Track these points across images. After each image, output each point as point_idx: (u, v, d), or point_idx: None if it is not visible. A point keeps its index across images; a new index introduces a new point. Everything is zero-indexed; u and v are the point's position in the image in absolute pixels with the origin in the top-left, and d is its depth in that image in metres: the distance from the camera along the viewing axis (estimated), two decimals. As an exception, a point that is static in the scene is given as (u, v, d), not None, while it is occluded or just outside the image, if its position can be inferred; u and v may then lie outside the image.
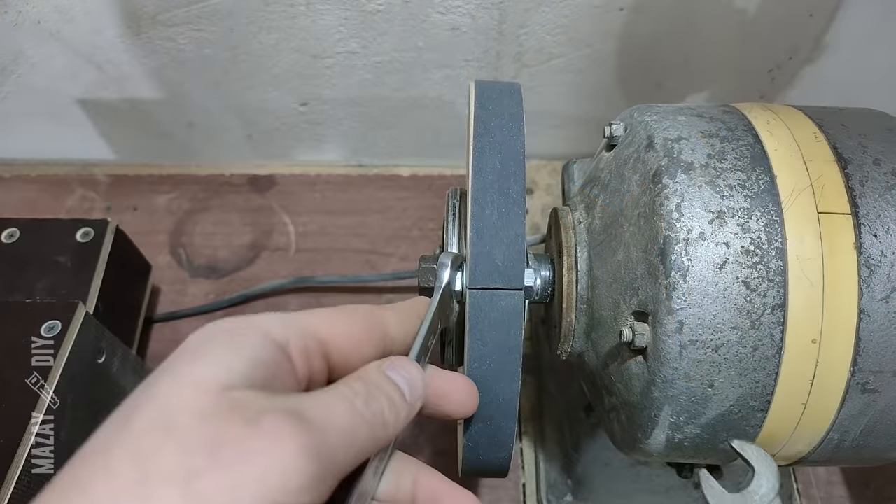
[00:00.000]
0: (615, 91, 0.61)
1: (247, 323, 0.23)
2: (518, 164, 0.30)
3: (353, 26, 0.54)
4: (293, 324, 0.24)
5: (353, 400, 0.23)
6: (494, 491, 0.54)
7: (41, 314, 0.41)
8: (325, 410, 0.21)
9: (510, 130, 0.31)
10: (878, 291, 0.30)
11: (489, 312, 0.29)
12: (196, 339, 0.23)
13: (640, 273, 0.32)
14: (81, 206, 0.66)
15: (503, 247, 0.29)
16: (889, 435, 0.32)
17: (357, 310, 0.26)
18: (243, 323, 0.23)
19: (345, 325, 0.25)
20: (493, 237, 0.29)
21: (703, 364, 0.30)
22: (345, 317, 0.26)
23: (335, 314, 0.26)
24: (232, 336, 0.23)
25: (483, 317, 0.29)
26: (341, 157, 0.69)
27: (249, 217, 0.66)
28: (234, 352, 0.22)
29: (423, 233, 0.66)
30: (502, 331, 0.29)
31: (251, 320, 0.24)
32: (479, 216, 0.29)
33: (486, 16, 0.53)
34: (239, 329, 0.23)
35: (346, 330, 0.25)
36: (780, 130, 0.33)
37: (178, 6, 0.52)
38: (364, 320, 0.26)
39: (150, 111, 0.63)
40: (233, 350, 0.22)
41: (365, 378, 0.24)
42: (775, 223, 0.30)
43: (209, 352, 0.22)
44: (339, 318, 0.25)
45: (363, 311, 0.26)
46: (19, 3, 0.52)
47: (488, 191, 0.29)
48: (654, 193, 0.31)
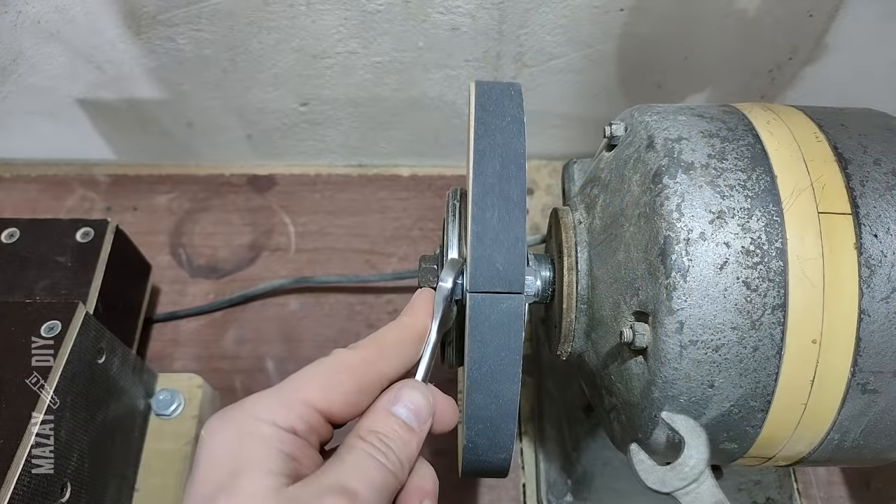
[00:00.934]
0: (615, 91, 0.61)
1: (251, 417, 0.25)
2: (519, 166, 0.30)
3: (353, 26, 0.54)
4: (292, 409, 0.25)
5: (377, 456, 0.26)
6: (494, 491, 0.54)
7: (41, 314, 0.41)
8: (362, 476, 0.25)
9: (511, 133, 0.31)
10: (878, 292, 0.30)
11: (489, 315, 0.29)
12: (220, 449, 0.25)
13: (641, 273, 0.32)
14: (81, 206, 0.66)
15: (504, 250, 0.29)
16: (889, 435, 0.32)
17: (351, 370, 0.27)
18: (249, 420, 0.25)
19: (341, 394, 0.27)
20: (494, 241, 0.29)
21: (704, 364, 0.30)
22: (339, 383, 0.27)
23: (329, 383, 0.26)
24: (250, 438, 0.25)
25: (483, 319, 0.29)
26: (341, 157, 0.69)
27: (249, 217, 0.66)
28: (263, 454, 0.24)
29: (423, 233, 0.66)
30: (503, 333, 0.29)
31: (253, 413, 0.25)
32: (480, 220, 0.29)
33: (486, 16, 0.53)
34: (249, 428, 0.25)
35: (344, 398, 0.27)
36: (780, 130, 0.33)
37: (178, 6, 0.52)
38: (359, 381, 0.27)
39: (150, 111, 0.63)
40: (261, 453, 0.24)
41: (378, 430, 0.26)
42: (776, 223, 0.30)
43: (243, 462, 0.24)
44: (335, 387, 0.26)
45: (357, 372, 0.27)
46: (19, 3, 0.52)
47: (489, 194, 0.29)
48: (654, 193, 0.31)
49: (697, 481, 0.30)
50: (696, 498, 0.29)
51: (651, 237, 0.31)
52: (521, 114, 0.32)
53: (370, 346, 0.28)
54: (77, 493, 0.41)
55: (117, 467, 0.47)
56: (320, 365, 0.27)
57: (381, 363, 0.28)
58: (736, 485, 0.50)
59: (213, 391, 0.56)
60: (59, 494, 0.39)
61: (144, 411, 0.51)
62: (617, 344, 0.33)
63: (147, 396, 0.51)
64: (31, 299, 0.46)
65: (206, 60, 0.57)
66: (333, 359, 0.27)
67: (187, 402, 0.52)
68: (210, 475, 0.24)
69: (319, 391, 0.26)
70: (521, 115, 0.32)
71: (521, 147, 0.31)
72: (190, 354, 0.59)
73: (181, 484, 0.49)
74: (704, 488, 0.29)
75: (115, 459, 0.46)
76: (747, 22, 0.54)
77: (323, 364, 0.27)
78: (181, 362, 0.59)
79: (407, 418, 0.27)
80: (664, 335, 0.30)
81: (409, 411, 0.27)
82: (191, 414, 0.52)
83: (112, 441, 0.46)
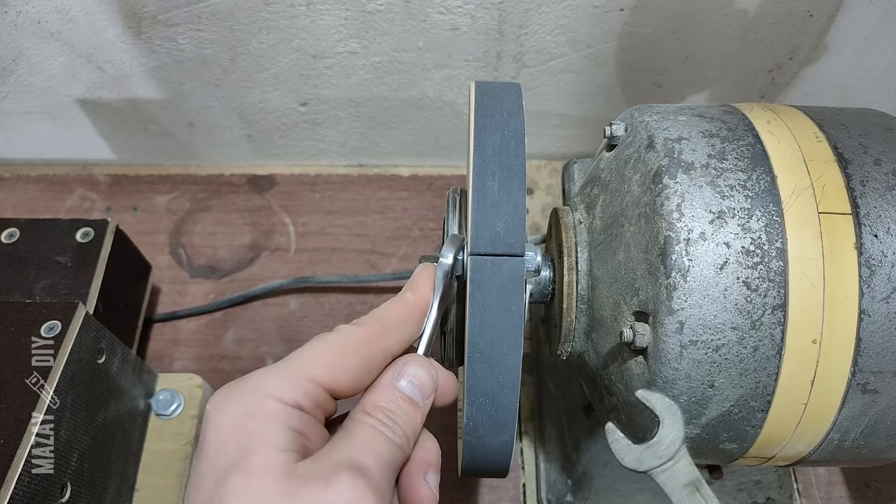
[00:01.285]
0: (615, 91, 0.61)
1: (258, 394, 0.25)
2: (518, 141, 0.30)
3: (353, 26, 0.54)
4: (298, 385, 0.26)
5: (384, 431, 0.26)
6: (494, 491, 0.54)
7: (41, 314, 0.41)
8: (371, 451, 0.25)
9: (510, 113, 0.31)
10: (878, 292, 0.30)
11: (490, 277, 0.28)
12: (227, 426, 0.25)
13: (641, 273, 0.32)
14: (81, 206, 0.66)
15: (504, 216, 0.29)
16: (889, 435, 0.32)
17: (356, 347, 0.27)
18: (255, 396, 0.25)
19: (346, 370, 0.27)
20: (494, 207, 0.29)
21: (704, 364, 0.30)
22: (344, 360, 0.27)
23: (335, 360, 0.27)
24: (257, 415, 0.25)
25: (484, 282, 0.28)
26: (341, 157, 0.69)
27: (249, 217, 0.66)
28: (272, 432, 0.24)
29: (423, 233, 0.66)
30: (504, 295, 0.28)
31: (260, 389, 0.25)
32: (480, 188, 0.29)
33: (486, 16, 0.53)
34: (256, 404, 0.25)
35: (349, 375, 0.27)
36: (780, 130, 0.33)
37: (178, 6, 0.52)
38: (363, 358, 0.27)
39: (150, 111, 0.63)
40: (270, 430, 0.24)
41: (383, 405, 0.27)
42: (776, 223, 0.30)
43: (252, 439, 0.24)
44: (340, 364, 0.27)
45: (362, 349, 0.27)
46: (19, 3, 0.52)
47: (489, 164, 0.30)
48: (654, 193, 0.31)
49: (673, 459, 0.30)
50: (671, 476, 0.29)
51: (651, 237, 0.31)
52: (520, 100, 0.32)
53: (374, 322, 0.28)
54: (77, 493, 0.41)
55: (117, 467, 0.47)
56: (324, 341, 0.27)
57: (386, 340, 0.28)
58: (736, 485, 0.50)
59: (213, 391, 0.56)
60: (59, 494, 0.39)
61: (144, 411, 0.51)
62: (617, 344, 0.33)
63: (147, 396, 0.51)
64: (31, 299, 0.46)
65: (206, 60, 0.57)
66: (338, 335, 0.27)
67: (187, 403, 0.52)
68: (219, 452, 0.24)
69: (325, 368, 0.26)
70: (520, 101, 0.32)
71: (521, 126, 0.31)
72: (190, 354, 0.59)
73: (181, 484, 0.49)
74: (680, 466, 0.30)
75: (115, 459, 0.46)
76: (747, 22, 0.54)
77: (327, 340, 0.27)
78: (181, 362, 0.59)
79: (412, 393, 0.28)
80: (664, 335, 0.30)
81: (413, 386, 0.28)
82: (191, 414, 0.52)
83: (112, 441, 0.46)
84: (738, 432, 0.32)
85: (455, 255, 0.30)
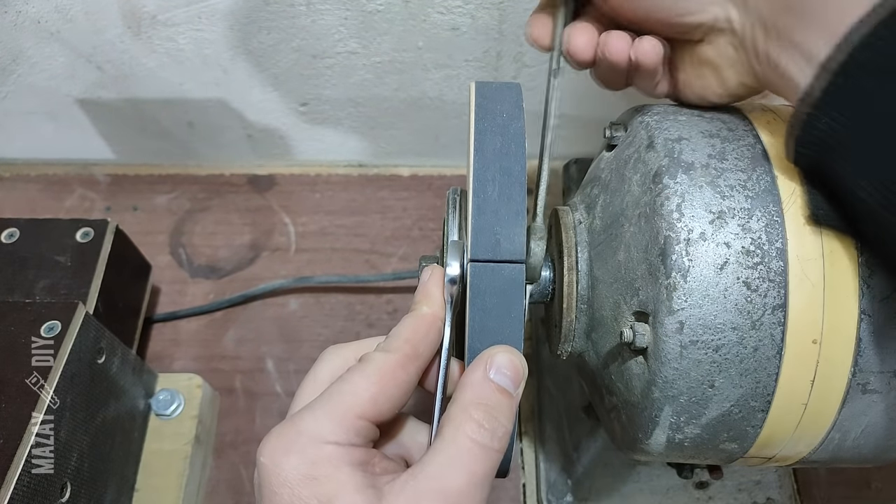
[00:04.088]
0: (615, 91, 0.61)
1: (314, 440, 0.25)
2: (519, 144, 0.30)
3: (353, 26, 0.54)
4: (349, 425, 0.26)
5: (481, 440, 0.25)
6: (494, 491, 0.54)
7: (41, 314, 0.41)
8: (464, 471, 0.25)
9: (511, 115, 0.31)
10: (878, 292, 0.30)
11: (490, 283, 0.28)
12: (294, 477, 0.25)
13: (641, 273, 0.32)
14: (81, 206, 0.66)
15: (504, 222, 0.29)
16: (889, 435, 0.32)
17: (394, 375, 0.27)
18: (311, 443, 0.25)
19: (388, 400, 0.27)
20: (494, 213, 0.29)
21: (704, 364, 0.30)
22: (385, 392, 0.27)
23: (376, 392, 0.27)
24: (321, 462, 0.25)
25: (484, 287, 0.28)
26: (341, 158, 0.69)
27: (249, 217, 0.66)
28: (343, 476, 0.25)
29: (423, 233, 0.66)
30: (504, 301, 0.28)
31: (314, 435, 0.25)
32: (480, 193, 0.29)
33: (486, 16, 0.53)
34: (316, 451, 0.25)
35: (391, 404, 0.27)
36: (780, 130, 0.33)
37: (178, 6, 0.52)
38: (402, 384, 0.27)
39: (150, 111, 0.63)
40: (340, 475, 0.25)
41: (483, 402, 0.26)
42: (776, 223, 0.30)
43: (327, 487, 0.24)
44: (381, 395, 0.27)
45: (400, 378, 0.27)
46: (19, 3, 0.52)
47: (489, 169, 0.29)
48: (654, 194, 0.31)
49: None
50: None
51: (651, 237, 0.31)
52: (521, 101, 0.32)
53: (405, 346, 0.28)
54: (77, 493, 0.41)
55: (117, 467, 0.47)
56: (362, 374, 0.27)
57: (418, 361, 0.28)
58: (736, 485, 0.50)
59: (213, 391, 0.56)
60: (58, 494, 0.39)
61: (144, 411, 0.51)
62: (617, 344, 0.33)
63: (147, 396, 0.51)
64: (30, 299, 0.46)
65: (206, 60, 0.57)
66: (373, 365, 0.27)
67: (187, 403, 0.52)
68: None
69: (369, 403, 0.26)
70: (520, 102, 0.32)
71: (521, 129, 0.31)
72: (190, 354, 0.59)
73: (181, 484, 0.49)
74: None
75: (115, 459, 0.46)
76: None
77: (365, 372, 0.27)
78: (181, 362, 0.59)
79: (506, 384, 0.27)
80: (664, 335, 0.30)
81: (506, 377, 0.27)
82: (190, 414, 0.52)
83: (112, 441, 0.46)
84: (738, 432, 0.32)
85: (461, 264, 0.30)
